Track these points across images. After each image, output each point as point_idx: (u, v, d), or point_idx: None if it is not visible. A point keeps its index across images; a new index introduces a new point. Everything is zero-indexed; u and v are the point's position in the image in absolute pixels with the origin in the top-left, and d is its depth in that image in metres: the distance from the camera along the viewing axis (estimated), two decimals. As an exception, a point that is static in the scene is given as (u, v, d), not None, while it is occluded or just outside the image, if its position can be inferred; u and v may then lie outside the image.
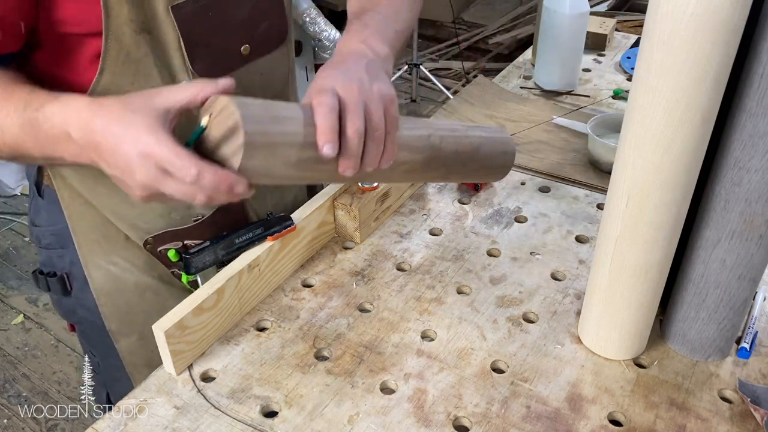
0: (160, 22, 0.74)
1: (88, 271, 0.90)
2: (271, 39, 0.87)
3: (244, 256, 0.82)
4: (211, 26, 0.78)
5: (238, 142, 0.56)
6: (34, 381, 2.01)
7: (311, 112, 0.61)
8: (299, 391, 0.73)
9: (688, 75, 0.55)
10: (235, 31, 0.82)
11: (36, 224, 0.94)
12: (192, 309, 0.74)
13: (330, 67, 0.67)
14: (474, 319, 0.81)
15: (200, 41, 0.78)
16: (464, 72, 3.52)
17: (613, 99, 1.31)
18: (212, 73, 0.76)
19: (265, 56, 0.86)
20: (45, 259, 0.95)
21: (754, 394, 0.69)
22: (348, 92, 0.62)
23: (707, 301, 0.71)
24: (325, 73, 0.66)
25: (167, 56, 0.77)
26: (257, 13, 0.83)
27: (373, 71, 0.67)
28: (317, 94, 0.61)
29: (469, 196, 1.03)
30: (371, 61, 0.69)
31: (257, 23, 0.83)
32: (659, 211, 0.64)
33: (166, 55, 0.77)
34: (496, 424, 0.69)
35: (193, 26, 0.77)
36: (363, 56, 0.70)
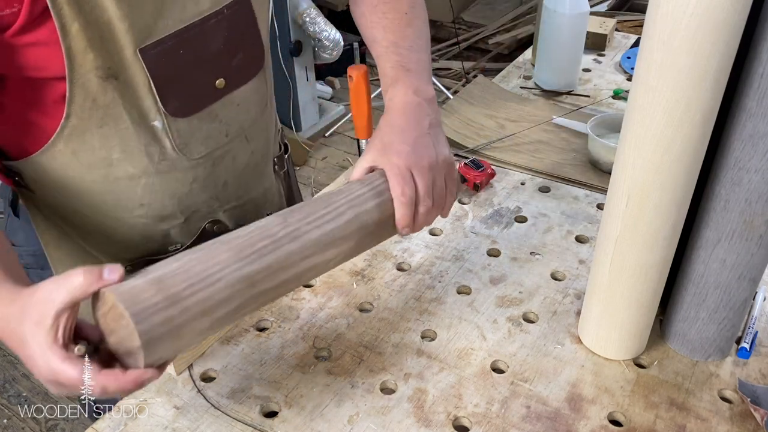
0: (128, 66, 0.71)
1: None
2: (248, 69, 0.84)
3: (244, 256, 0.82)
4: (182, 63, 0.75)
5: (135, 344, 0.53)
6: (34, 381, 2.01)
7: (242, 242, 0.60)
8: (299, 391, 0.73)
9: (688, 75, 0.55)
10: (208, 65, 0.78)
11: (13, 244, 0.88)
12: (192, 309, 0.74)
13: (395, 132, 0.74)
14: (474, 319, 0.81)
15: (172, 81, 0.75)
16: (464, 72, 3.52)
17: (613, 99, 1.31)
18: (186, 111, 0.78)
19: (241, 87, 0.83)
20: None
21: (754, 394, 0.69)
22: (421, 175, 0.71)
23: (707, 301, 0.71)
24: (393, 141, 0.73)
25: (137, 99, 0.74)
26: (231, 44, 0.79)
27: (436, 134, 0.76)
28: (396, 177, 0.70)
29: (469, 196, 1.03)
30: (433, 121, 0.76)
31: (232, 55, 0.80)
32: (659, 211, 0.64)
33: (136, 98, 0.74)
34: (496, 424, 0.69)
35: (164, 66, 0.73)
36: (422, 113, 0.76)
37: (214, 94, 0.81)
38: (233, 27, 0.78)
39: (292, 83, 2.86)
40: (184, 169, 0.82)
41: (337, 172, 2.88)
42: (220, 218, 0.90)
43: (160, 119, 0.77)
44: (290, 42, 2.74)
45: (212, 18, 0.75)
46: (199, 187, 0.86)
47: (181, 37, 0.73)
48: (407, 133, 0.74)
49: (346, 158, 3.02)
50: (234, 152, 0.87)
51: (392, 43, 0.82)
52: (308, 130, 3.09)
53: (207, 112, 0.81)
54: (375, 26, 0.84)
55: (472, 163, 1.05)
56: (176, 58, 0.74)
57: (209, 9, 0.74)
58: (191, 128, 0.80)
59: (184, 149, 0.81)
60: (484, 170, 1.04)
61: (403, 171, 0.71)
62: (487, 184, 1.05)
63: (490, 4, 3.95)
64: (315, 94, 3.10)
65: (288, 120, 2.95)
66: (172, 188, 0.83)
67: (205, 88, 0.79)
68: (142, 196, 0.82)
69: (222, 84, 0.80)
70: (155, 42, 0.71)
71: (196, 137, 0.81)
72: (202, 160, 0.83)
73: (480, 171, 1.03)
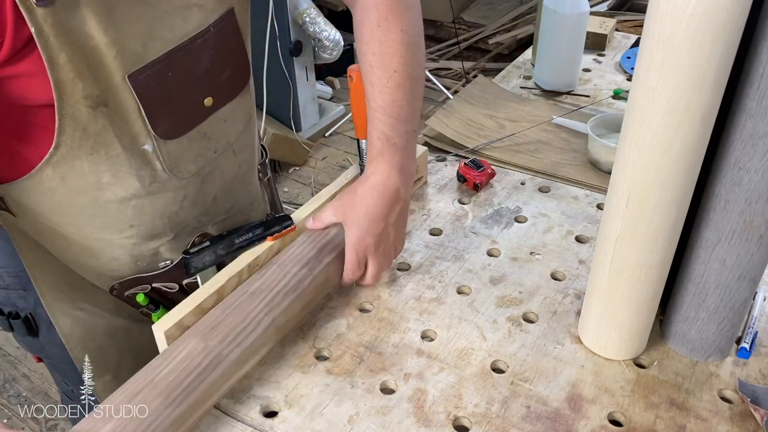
0: (117, 93, 0.70)
1: (55, 319, 0.88)
2: (235, 85, 0.83)
3: (244, 256, 0.82)
4: (171, 85, 0.74)
5: None
6: (34, 381, 2.01)
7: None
8: (299, 391, 0.73)
9: (688, 75, 0.55)
10: (196, 85, 0.77)
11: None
12: (192, 309, 0.74)
13: (367, 215, 0.79)
14: (474, 319, 0.81)
15: (161, 103, 0.74)
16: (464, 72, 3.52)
17: (613, 99, 1.31)
18: (175, 133, 0.77)
19: (228, 104, 0.83)
20: (4, 299, 0.90)
21: (754, 394, 0.69)
22: (374, 263, 0.82)
23: (707, 301, 0.71)
24: (362, 224, 0.79)
25: (127, 125, 0.73)
26: (218, 62, 0.78)
27: (400, 224, 0.82)
28: (351, 258, 0.80)
29: (469, 196, 1.03)
30: (403, 207, 0.82)
31: (219, 72, 0.79)
32: (659, 211, 0.64)
33: (126, 123, 0.73)
34: (496, 424, 0.69)
35: (153, 90, 0.72)
36: (397, 200, 0.80)
37: (203, 113, 0.80)
38: (220, 44, 0.77)
39: (292, 83, 2.86)
40: (174, 189, 0.82)
41: (337, 172, 2.88)
42: (209, 231, 0.90)
43: (150, 143, 0.76)
44: (290, 42, 2.74)
45: (199, 38, 0.74)
46: (189, 204, 0.85)
47: (169, 59, 0.72)
48: (376, 223, 0.79)
49: (346, 158, 3.02)
50: (222, 167, 0.87)
51: (380, 108, 0.79)
52: (308, 130, 3.09)
53: (196, 131, 0.80)
54: (365, 76, 0.80)
55: (472, 163, 1.05)
56: (165, 80, 0.73)
57: (196, 29, 0.73)
58: (181, 148, 0.79)
59: (174, 170, 0.80)
60: (484, 170, 1.04)
61: (360, 257, 0.81)
62: (487, 184, 1.05)
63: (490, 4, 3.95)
64: (315, 94, 3.10)
65: (288, 120, 2.95)
66: (162, 208, 0.82)
67: (194, 107, 0.79)
68: (132, 217, 0.81)
69: (210, 102, 0.79)
70: (144, 66, 0.70)
71: (186, 157, 0.81)
72: (192, 178, 0.83)
73: (480, 171, 1.03)
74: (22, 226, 0.83)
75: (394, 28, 0.77)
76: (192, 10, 0.72)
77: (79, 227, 0.81)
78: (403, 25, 0.77)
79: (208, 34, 0.74)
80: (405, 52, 0.77)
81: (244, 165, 0.92)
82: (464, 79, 3.50)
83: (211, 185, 0.87)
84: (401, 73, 0.78)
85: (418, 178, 1.03)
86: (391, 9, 0.77)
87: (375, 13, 0.77)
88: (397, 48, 0.77)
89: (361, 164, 0.93)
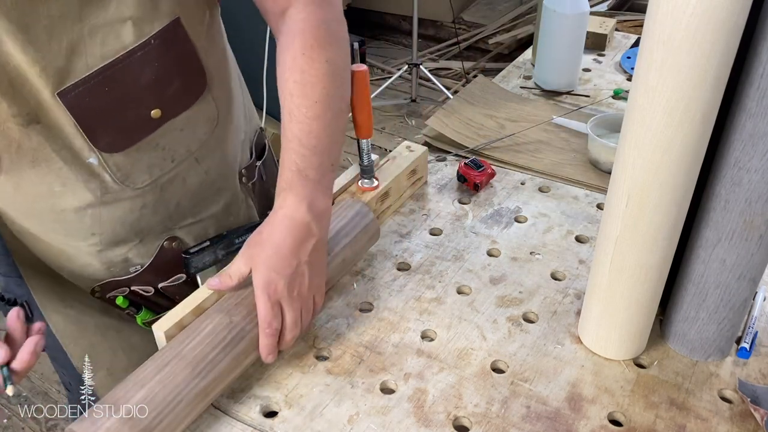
0: (48, 110, 0.68)
1: (48, 315, 0.87)
2: (187, 95, 0.78)
3: (244, 256, 0.82)
4: (109, 100, 0.70)
5: None
6: (34, 381, 2.01)
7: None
8: (299, 391, 0.73)
9: (688, 75, 0.55)
10: (139, 99, 0.73)
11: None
12: (192, 309, 0.74)
13: (276, 255, 0.70)
14: (474, 319, 0.81)
15: (99, 118, 0.71)
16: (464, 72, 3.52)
17: (613, 99, 1.31)
18: (120, 146, 0.74)
19: (182, 113, 0.78)
20: (4, 286, 0.90)
21: (754, 394, 0.69)
22: (291, 307, 0.71)
23: (707, 301, 0.71)
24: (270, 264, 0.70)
25: (65, 141, 0.71)
26: (165, 74, 0.73)
27: (314, 260, 0.73)
28: (264, 306, 0.69)
29: (469, 196, 1.03)
30: (317, 244, 0.73)
31: (166, 84, 0.74)
32: (659, 211, 0.64)
33: (64, 139, 0.71)
34: (496, 424, 0.69)
35: (88, 107, 0.69)
36: (308, 235, 0.72)
37: (151, 125, 0.76)
38: (164, 56, 0.72)
39: (292, 83, 2.85)
40: (131, 198, 0.79)
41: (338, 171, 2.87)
42: (177, 235, 0.88)
43: (94, 156, 0.73)
44: (290, 42, 2.74)
45: (138, 51, 0.69)
46: (150, 212, 0.83)
47: (103, 74, 0.68)
48: (285, 260, 0.70)
49: (346, 158, 3.02)
50: (183, 175, 0.84)
51: (295, 138, 0.73)
52: (309, 130, 3.08)
53: (146, 142, 0.77)
54: (283, 104, 0.74)
55: (472, 163, 1.05)
56: (101, 96, 0.69)
57: (133, 42, 0.69)
58: (130, 160, 0.77)
59: (125, 181, 0.78)
60: (484, 170, 1.04)
61: (272, 301, 0.70)
62: (487, 184, 1.05)
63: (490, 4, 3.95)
64: (315, 94, 3.09)
65: (288, 120, 2.94)
66: (122, 216, 0.81)
67: (140, 120, 0.74)
68: (92, 226, 0.80)
69: (159, 114, 0.75)
70: (74, 84, 0.67)
71: (138, 167, 0.78)
72: (148, 187, 0.80)
73: (480, 171, 1.03)
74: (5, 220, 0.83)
75: (319, 58, 0.73)
76: (126, 24, 0.68)
77: (46, 233, 0.81)
78: (329, 55, 0.73)
79: (149, 46, 0.70)
80: (329, 83, 0.73)
81: (213, 172, 0.87)
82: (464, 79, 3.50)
83: (172, 193, 0.84)
84: (322, 104, 0.73)
85: (418, 178, 1.03)
86: (317, 38, 0.73)
87: (300, 41, 0.73)
88: (320, 78, 0.73)
89: (361, 164, 0.93)
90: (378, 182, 0.94)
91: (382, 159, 1.00)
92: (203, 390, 0.67)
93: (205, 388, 0.67)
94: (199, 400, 0.67)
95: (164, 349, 0.69)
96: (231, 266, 0.72)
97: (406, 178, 1.00)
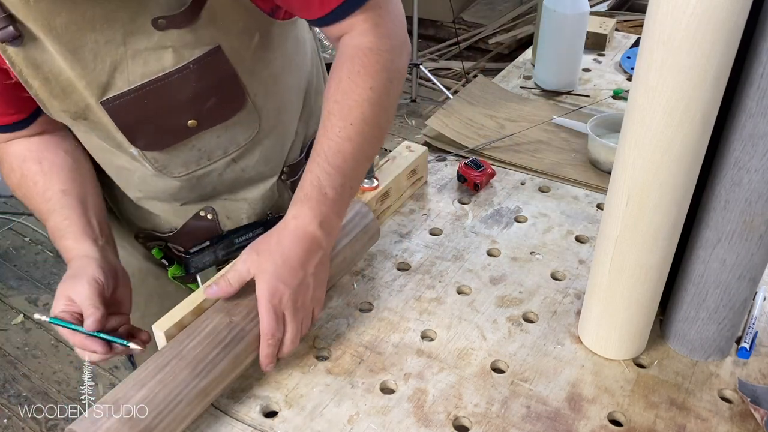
0: (94, 112, 0.76)
1: None
2: (224, 110, 0.82)
3: (244, 256, 0.82)
4: (147, 110, 0.76)
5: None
6: (34, 381, 2.01)
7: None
8: (299, 391, 0.73)
9: (688, 75, 0.55)
10: (177, 111, 0.78)
11: None
12: (192, 309, 0.74)
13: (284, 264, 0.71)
14: (474, 319, 0.81)
15: (138, 125, 0.78)
16: (464, 72, 3.52)
17: (613, 99, 1.31)
18: (157, 147, 0.81)
19: (218, 125, 0.82)
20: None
21: (754, 394, 0.69)
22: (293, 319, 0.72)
23: (707, 301, 0.71)
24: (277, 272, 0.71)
25: (109, 135, 0.80)
26: (202, 92, 0.77)
27: (319, 273, 0.75)
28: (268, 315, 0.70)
29: (469, 196, 1.03)
30: (323, 258, 0.75)
31: (203, 100, 0.79)
32: (659, 211, 0.64)
33: (108, 134, 0.79)
34: (496, 424, 0.69)
35: (127, 114, 0.76)
36: (317, 248, 0.74)
37: (187, 132, 0.81)
38: (203, 78, 0.76)
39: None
40: (170, 179, 0.86)
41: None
42: (213, 206, 0.92)
43: (134, 149, 0.81)
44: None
45: (176, 73, 0.74)
46: (187, 191, 0.89)
47: (143, 89, 0.74)
48: (294, 271, 0.72)
49: (346, 158, 3.02)
50: (219, 170, 0.88)
51: (323, 153, 0.74)
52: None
53: (182, 144, 0.82)
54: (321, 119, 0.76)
55: (472, 163, 1.05)
56: (140, 107, 0.75)
57: (173, 65, 0.73)
58: (168, 156, 0.83)
59: (163, 170, 0.84)
60: (484, 170, 1.04)
61: (277, 312, 0.71)
62: (487, 184, 1.05)
63: (490, 4, 3.95)
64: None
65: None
66: (162, 186, 0.87)
67: (176, 128, 0.80)
68: (138, 185, 0.88)
69: (194, 124, 0.80)
70: (115, 96, 0.74)
71: (174, 162, 0.84)
72: (184, 177, 0.86)
73: (480, 171, 1.03)
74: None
75: (363, 84, 0.74)
76: (167, 50, 0.72)
77: (109, 176, 0.90)
78: (374, 83, 0.74)
79: (188, 69, 0.74)
80: (367, 109, 0.74)
81: (250, 170, 0.91)
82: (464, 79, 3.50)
83: (208, 182, 0.89)
84: (356, 127, 0.74)
85: (418, 178, 1.03)
86: (365, 65, 0.74)
87: (349, 65, 0.74)
88: (360, 103, 0.74)
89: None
90: (378, 182, 0.94)
91: (382, 159, 1.00)
92: (203, 390, 0.67)
93: (205, 388, 0.67)
94: (199, 400, 0.67)
95: (164, 349, 0.69)
96: (230, 271, 0.73)
97: (406, 178, 1.00)
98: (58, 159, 0.83)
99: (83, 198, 0.82)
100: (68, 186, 0.82)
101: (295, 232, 0.72)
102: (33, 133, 0.83)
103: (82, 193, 0.83)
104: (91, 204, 0.83)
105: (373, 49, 0.74)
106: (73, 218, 0.80)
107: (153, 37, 0.71)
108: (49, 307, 2.34)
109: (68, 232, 0.79)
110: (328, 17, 0.73)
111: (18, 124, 0.81)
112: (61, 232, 0.79)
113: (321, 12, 0.73)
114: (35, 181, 0.82)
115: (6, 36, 0.67)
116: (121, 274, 0.80)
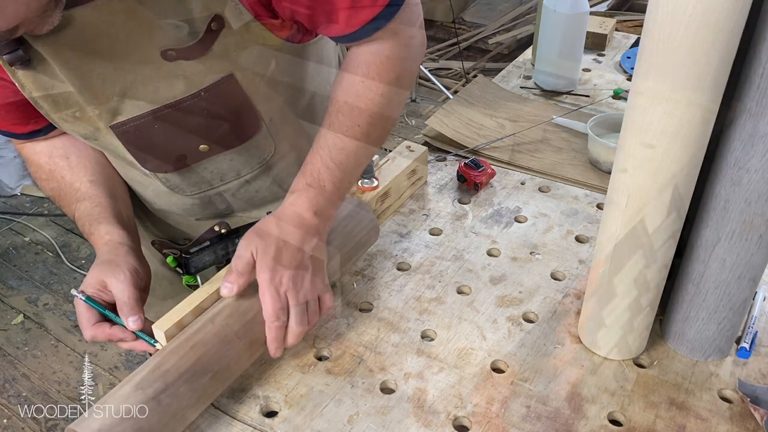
0: (104, 135, 0.76)
1: None
2: (237, 136, 0.81)
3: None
4: (157, 135, 0.76)
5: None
6: (34, 381, 2.01)
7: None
8: (299, 391, 0.73)
9: (688, 75, 0.55)
10: (188, 136, 0.78)
11: None
12: (192, 309, 0.74)
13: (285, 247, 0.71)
14: (474, 319, 0.81)
15: (148, 148, 0.78)
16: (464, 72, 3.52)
17: (613, 99, 1.31)
18: (167, 169, 0.82)
19: (231, 150, 0.82)
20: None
21: (753, 394, 0.69)
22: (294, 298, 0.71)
23: (707, 301, 0.71)
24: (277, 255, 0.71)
25: (119, 156, 0.81)
26: (213, 119, 0.77)
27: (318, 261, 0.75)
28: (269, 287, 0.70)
29: (469, 196, 1.03)
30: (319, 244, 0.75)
31: (215, 127, 0.79)
32: (659, 211, 0.64)
33: (118, 155, 0.81)
34: (496, 424, 0.69)
35: (137, 139, 0.76)
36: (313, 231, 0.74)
37: (197, 156, 0.81)
38: (215, 104, 0.75)
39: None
40: (183, 196, 0.87)
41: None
42: (227, 221, 0.92)
43: (146, 170, 0.82)
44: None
45: (187, 100, 0.73)
46: (199, 208, 0.90)
47: (153, 115, 0.74)
48: (292, 254, 0.72)
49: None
50: (233, 191, 0.88)
51: (326, 147, 0.75)
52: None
53: (193, 167, 0.82)
54: (328, 113, 0.77)
55: (472, 163, 1.05)
56: (150, 131, 0.76)
57: (184, 93, 0.73)
58: (180, 176, 0.83)
59: (175, 189, 0.85)
60: (484, 170, 1.04)
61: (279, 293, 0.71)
62: (487, 184, 1.05)
63: (490, 4, 3.95)
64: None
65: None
66: (176, 201, 0.88)
67: (187, 152, 0.80)
68: (154, 197, 0.89)
69: (206, 149, 0.80)
70: (126, 120, 0.74)
71: (186, 182, 0.85)
72: (197, 196, 0.87)
73: (480, 171, 1.04)
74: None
75: (376, 90, 0.74)
76: (178, 78, 0.71)
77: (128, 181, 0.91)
78: (385, 90, 0.75)
79: (199, 97, 0.73)
80: (375, 115, 0.75)
81: (264, 190, 0.91)
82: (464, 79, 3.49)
83: (220, 201, 0.90)
84: (363, 129, 0.75)
85: (417, 178, 1.03)
86: (380, 73, 0.74)
87: (364, 69, 0.74)
88: (370, 107, 0.75)
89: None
90: (378, 182, 0.94)
91: (382, 159, 1.00)
92: (204, 390, 0.67)
93: (206, 388, 0.67)
94: (200, 400, 0.67)
95: (164, 349, 0.69)
96: (235, 261, 0.72)
97: (406, 178, 1.00)
98: (85, 154, 0.84)
99: (112, 190, 0.83)
100: (96, 177, 0.83)
101: (292, 217, 0.74)
102: (54, 135, 0.83)
103: (111, 185, 0.84)
104: (120, 197, 0.84)
105: (390, 57, 0.74)
106: (105, 205, 0.80)
107: (163, 66, 0.70)
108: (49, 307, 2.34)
109: (102, 217, 0.79)
110: (353, 35, 0.72)
111: (34, 132, 0.81)
112: (93, 217, 0.79)
113: (348, 29, 0.72)
114: (63, 174, 0.83)
115: (15, 59, 0.67)
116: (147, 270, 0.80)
